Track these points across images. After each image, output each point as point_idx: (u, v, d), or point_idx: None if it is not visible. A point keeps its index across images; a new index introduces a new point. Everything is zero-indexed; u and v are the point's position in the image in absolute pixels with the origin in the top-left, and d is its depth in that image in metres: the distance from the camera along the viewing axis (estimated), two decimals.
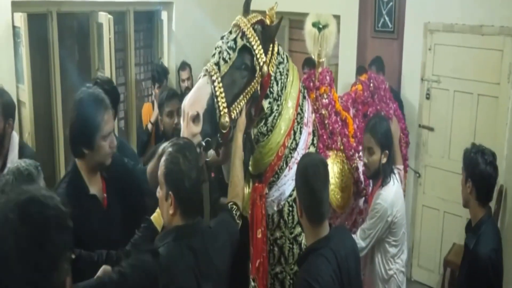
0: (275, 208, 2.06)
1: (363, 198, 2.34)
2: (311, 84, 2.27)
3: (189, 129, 1.70)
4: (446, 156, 3.80)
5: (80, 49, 3.94)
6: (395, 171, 2.29)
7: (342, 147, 2.25)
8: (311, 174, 1.63)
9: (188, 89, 3.79)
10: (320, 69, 2.28)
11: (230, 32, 1.87)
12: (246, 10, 1.93)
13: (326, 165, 1.70)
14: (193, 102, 1.72)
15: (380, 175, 2.23)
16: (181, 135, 1.74)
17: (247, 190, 2.13)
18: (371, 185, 2.36)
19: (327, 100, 2.26)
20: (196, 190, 1.51)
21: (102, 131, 1.72)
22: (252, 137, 2.01)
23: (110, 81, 2.71)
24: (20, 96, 3.15)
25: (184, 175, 1.47)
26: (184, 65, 3.93)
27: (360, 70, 3.89)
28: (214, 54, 1.85)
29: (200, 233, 1.52)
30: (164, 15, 4.10)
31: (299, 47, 4.84)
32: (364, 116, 2.50)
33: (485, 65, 3.53)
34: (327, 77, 2.28)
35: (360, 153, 2.33)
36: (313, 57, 2.30)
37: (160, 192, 1.54)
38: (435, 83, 3.83)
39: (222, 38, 1.89)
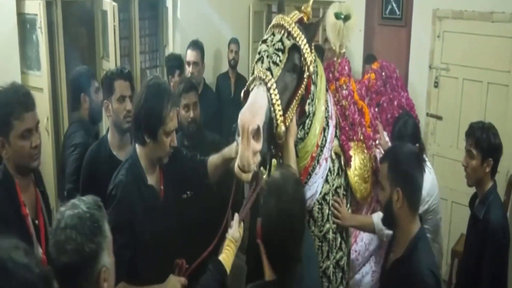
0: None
1: (379, 186, 2.32)
2: (331, 75, 2.21)
3: (251, 148, 1.51)
4: (454, 145, 3.75)
5: (85, 37, 3.92)
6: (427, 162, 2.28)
7: (362, 137, 2.21)
8: (411, 161, 1.67)
9: (193, 74, 3.73)
10: (339, 60, 2.23)
11: (273, 34, 1.73)
12: (281, 10, 1.85)
13: (420, 154, 1.75)
14: (253, 116, 1.53)
15: None
16: (240, 157, 1.54)
17: None
18: None
19: (346, 91, 2.21)
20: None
21: (166, 126, 1.72)
22: None
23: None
24: (36, 83, 3.18)
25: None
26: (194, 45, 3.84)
27: (369, 59, 3.84)
28: (260, 59, 1.71)
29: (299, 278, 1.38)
30: (169, 2, 4.06)
31: None
32: (377, 105, 2.47)
33: (495, 53, 3.47)
34: (346, 68, 2.23)
35: (377, 142, 2.30)
36: (334, 47, 2.23)
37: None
38: (443, 71, 3.77)
39: (264, 41, 1.75)
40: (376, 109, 2.48)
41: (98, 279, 1.19)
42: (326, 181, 2.00)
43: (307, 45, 1.71)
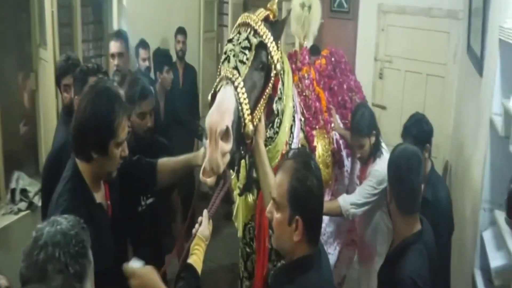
0: None
1: (337, 165, 2.40)
2: (293, 66, 2.22)
3: (219, 149, 1.45)
4: (397, 134, 3.99)
5: (20, 23, 3.58)
6: (383, 143, 2.42)
7: (323, 123, 2.25)
8: (404, 164, 1.66)
9: (148, 68, 3.59)
10: (300, 50, 2.25)
11: (239, 33, 1.68)
12: (247, 8, 1.80)
13: (419, 157, 1.72)
14: (221, 116, 1.47)
15: (374, 153, 2.32)
16: (208, 160, 1.48)
17: (251, 198, 1.99)
18: (345, 154, 2.42)
19: (308, 80, 2.23)
20: (321, 211, 1.33)
21: (118, 138, 1.49)
22: None
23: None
24: None
25: (314, 196, 1.27)
26: (145, 44, 3.70)
27: (312, 50, 3.93)
28: (227, 59, 1.65)
29: (321, 257, 1.35)
30: None
31: None
32: (329, 89, 2.53)
33: (434, 47, 3.75)
34: (306, 56, 2.26)
35: (333, 125, 2.38)
36: (298, 38, 2.24)
37: (276, 215, 1.31)
38: (387, 63, 4.00)
39: (230, 41, 1.69)
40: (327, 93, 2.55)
41: None
42: None
43: (273, 43, 1.68)
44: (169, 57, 3.56)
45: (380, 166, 2.23)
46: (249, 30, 1.68)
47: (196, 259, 1.49)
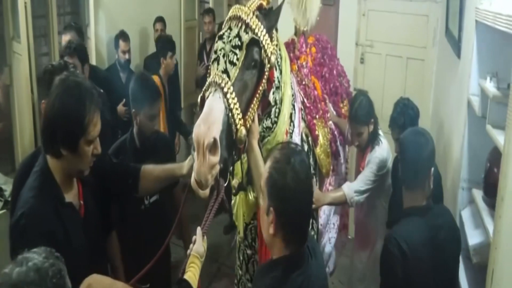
0: None
1: (333, 155, 2.41)
2: (291, 54, 2.15)
3: (207, 163, 1.39)
4: (379, 117, 4.05)
5: None
6: (380, 131, 2.46)
7: (321, 113, 2.24)
8: (414, 143, 1.76)
9: (128, 61, 3.54)
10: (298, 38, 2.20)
11: (230, 28, 1.59)
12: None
13: (427, 136, 1.82)
14: (208, 128, 1.40)
15: (372, 141, 2.39)
16: (196, 173, 1.42)
17: (251, 195, 1.90)
18: (340, 143, 2.43)
19: (306, 69, 2.20)
20: (303, 211, 1.27)
21: (88, 135, 1.45)
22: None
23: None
24: None
25: (291, 192, 1.21)
26: (125, 35, 3.63)
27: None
28: (216, 59, 1.57)
29: (308, 256, 1.30)
30: None
31: None
32: (321, 76, 2.51)
33: (413, 30, 3.77)
34: (304, 45, 2.22)
35: (329, 114, 2.37)
36: (298, 27, 2.16)
37: (262, 202, 1.28)
38: (368, 48, 4.02)
39: (220, 37, 1.60)
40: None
41: None
42: None
43: (266, 36, 1.59)
44: (172, 42, 3.58)
45: (380, 153, 2.32)
46: (240, 24, 1.58)
47: (191, 275, 1.46)
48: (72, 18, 3.95)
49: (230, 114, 1.48)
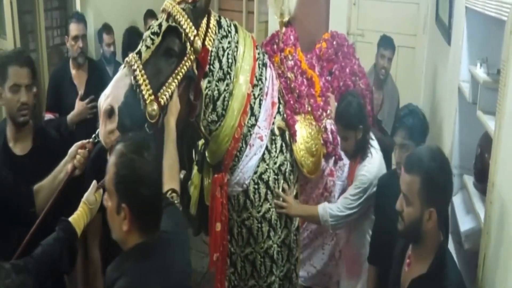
0: (240, 189, 1.96)
1: (333, 158, 2.26)
2: (275, 46, 2.13)
3: (104, 128, 1.58)
4: None
5: None
6: (373, 143, 2.14)
7: (310, 109, 2.15)
8: (447, 175, 1.38)
9: (113, 54, 3.48)
10: (283, 30, 2.14)
11: (157, 19, 1.75)
12: None
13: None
14: (107, 96, 1.59)
15: (359, 152, 2.08)
16: (99, 136, 1.62)
17: (207, 182, 2.00)
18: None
19: (292, 61, 2.12)
20: (156, 199, 1.25)
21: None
22: (203, 130, 1.85)
23: None
24: None
25: (142, 183, 1.19)
26: (108, 28, 3.56)
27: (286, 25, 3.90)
28: (138, 45, 1.71)
29: (164, 246, 1.28)
30: None
31: (230, 5, 4.71)
32: (329, 73, 2.44)
33: (404, 18, 3.77)
34: (291, 37, 2.15)
35: (328, 112, 2.25)
36: (275, 17, 2.15)
37: (109, 202, 1.25)
38: (359, 37, 4.01)
39: (148, 28, 1.74)
40: (329, 78, 2.44)
41: None
42: (263, 160, 1.95)
43: (188, 21, 1.67)
44: (140, 35, 3.43)
45: (368, 170, 2.02)
46: (164, 15, 1.71)
47: (75, 217, 1.51)
48: (59, 13, 3.88)
49: (138, 90, 1.60)
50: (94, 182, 1.59)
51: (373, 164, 2.04)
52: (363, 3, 3.93)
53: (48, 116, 2.88)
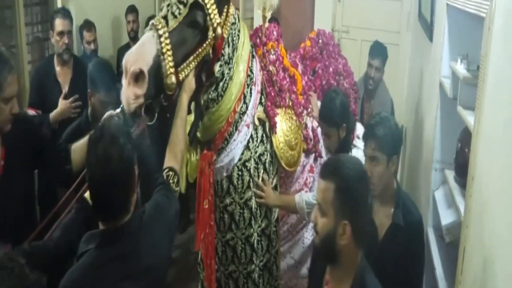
0: (224, 174, 2.00)
1: (313, 155, 2.30)
2: (258, 40, 2.17)
3: (130, 90, 1.51)
4: None
5: None
6: (356, 142, 2.18)
7: (290, 104, 2.19)
8: (363, 185, 1.32)
9: (94, 51, 3.42)
10: (266, 24, 2.17)
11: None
12: None
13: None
14: (137, 58, 1.52)
15: (342, 151, 2.07)
16: (121, 96, 1.55)
17: (194, 157, 2.04)
18: (321, 142, 2.31)
19: (274, 56, 2.17)
20: (112, 186, 1.27)
21: (3, 92, 1.57)
22: (202, 103, 1.89)
23: None
24: None
25: (93, 168, 1.25)
26: (88, 25, 3.50)
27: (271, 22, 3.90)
28: (162, 8, 1.67)
29: (130, 234, 1.32)
30: None
31: None
32: (313, 72, 2.47)
33: (388, 15, 3.81)
34: (274, 32, 2.19)
35: (309, 109, 2.30)
36: (258, 11, 2.18)
37: None
38: (344, 34, 4.03)
39: None
40: (312, 77, 2.47)
41: None
42: (247, 148, 2.00)
43: (214, 6, 1.69)
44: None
45: None
46: None
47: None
48: (40, 9, 3.79)
49: (162, 57, 1.56)
50: None
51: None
52: (347, 0, 3.96)
53: (30, 112, 2.83)
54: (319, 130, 2.31)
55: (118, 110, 1.59)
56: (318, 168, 2.33)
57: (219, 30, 1.70)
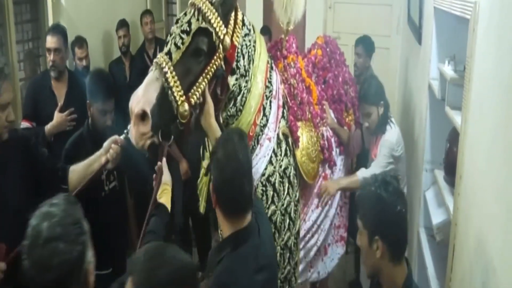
0: None
1: (327, 164, 2.31)
2: (278, 53, 2.14)
3: (136, 129, 1.60)
4: None
5: None
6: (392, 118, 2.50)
7: (310, 116, 2.18)
8: (396, 205, 1.31)
9: (86, 68, 3.40)
10: (286, 37, 2.15)
11: (185, 14, 1.70)
12: None
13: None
14: (140, 100, 1.59)
15: (382, 126, 2.43)
16: (130, 136, 1.64)
17: None
18: (337, 153, 2.38)
19: (294, 69, 2.15)
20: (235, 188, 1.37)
21: None
22: (221, 121, 1.84)
23: None
24: None
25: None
26: (80, 41, 3.47)
27: (263, 31, 3.92)
28: (167, 43, 1.69)
29: (254, 231, 1.42)
30: None
31: None
32: (324, 81, 2.48)
33: (378, 20, 3.86)
34: (294, 45, 2.19)
35: (325, 120, 2.31)
36: (281, 25, 2.13)
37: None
38: (336, 39, 4.07)
39: (177, 21, 1.71)
40: (323, 86, 2.48)
41: (86, 277, 1.15)
42: (270, 162, 1.95)
43: (218, 19, 1.66)
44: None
45: (389, 135, 2.39)
46: (193, 11, 1.67)
47: (165, 200, 1.66)
48: (31, 26, 3.76)
49: (169, 92, 1.61)
50: (163, 162, 1.68)
51: (393, 133, 2.41)
52: (338, 7, 4.01)
53: (24, 124, 2.80)
54: (333, 139, 2.36)
55: (122, 136, 1.75)
56: (331, 175, 2.36)
57: (227, 39, 1.67)
